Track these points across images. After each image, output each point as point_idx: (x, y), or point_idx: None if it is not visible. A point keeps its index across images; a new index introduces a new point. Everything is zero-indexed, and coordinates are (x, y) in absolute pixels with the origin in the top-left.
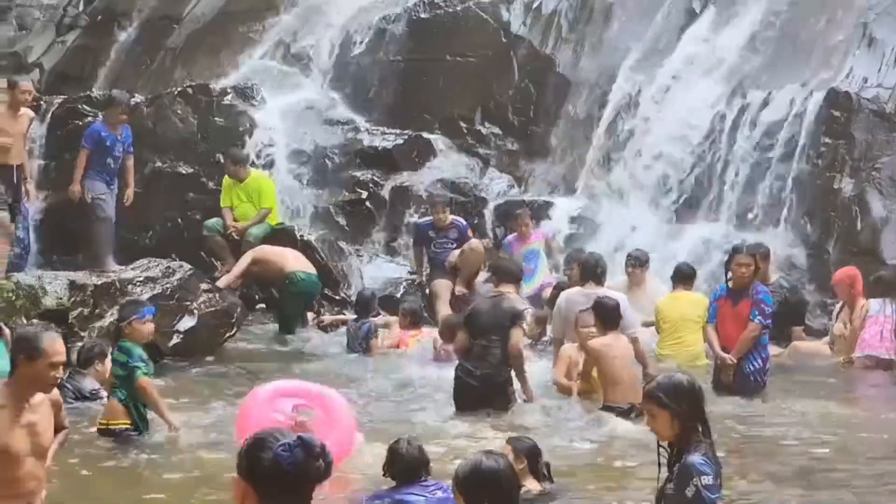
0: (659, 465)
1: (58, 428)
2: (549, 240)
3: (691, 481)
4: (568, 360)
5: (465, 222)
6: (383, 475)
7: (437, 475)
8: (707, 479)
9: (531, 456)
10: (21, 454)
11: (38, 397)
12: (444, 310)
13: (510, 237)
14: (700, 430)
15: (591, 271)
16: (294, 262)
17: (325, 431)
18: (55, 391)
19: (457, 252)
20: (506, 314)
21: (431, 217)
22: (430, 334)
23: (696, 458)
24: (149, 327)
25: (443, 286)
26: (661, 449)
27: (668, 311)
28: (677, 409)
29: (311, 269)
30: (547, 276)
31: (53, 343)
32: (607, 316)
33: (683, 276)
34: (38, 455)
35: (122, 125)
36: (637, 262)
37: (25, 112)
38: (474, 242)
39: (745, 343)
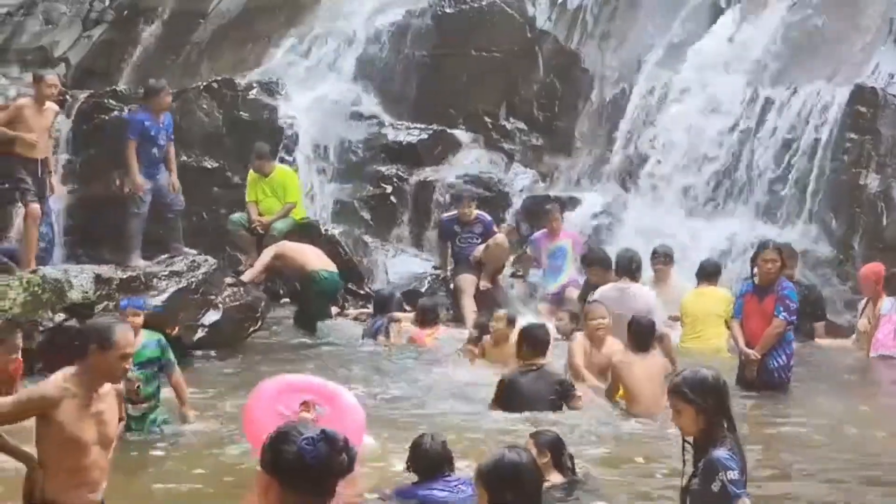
0: (683, 460)
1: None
2: (575, 241)
3: (717, 476)
4: (583, 350)
5: (489, 217)
6: (406, 470)
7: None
8: (733, 474)
9: (554, 449)
10: (89, 443)
11: (106, 387)
12: (468, 305)
13: (538, 233)
14: (725, 425)
15: (626, 267)
16: (316, 260)
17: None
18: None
19: (482, 247)
20: (550, 387)
21: (456, 212)
22: (446, 332)
23: (721, 452)
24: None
25: (467, 281)
26: (685, 444)
27: (692, 307)
28: (702, 404)
29: (333, 267)
30: (573, 275)
31: (126, 335)
32: (640, 336)
33: (708, 273)
34: (104, 445)
35: (163, 113)
36: (663, 258)
37: (50, 106)
38: (499, 237)
39: (770, 339)
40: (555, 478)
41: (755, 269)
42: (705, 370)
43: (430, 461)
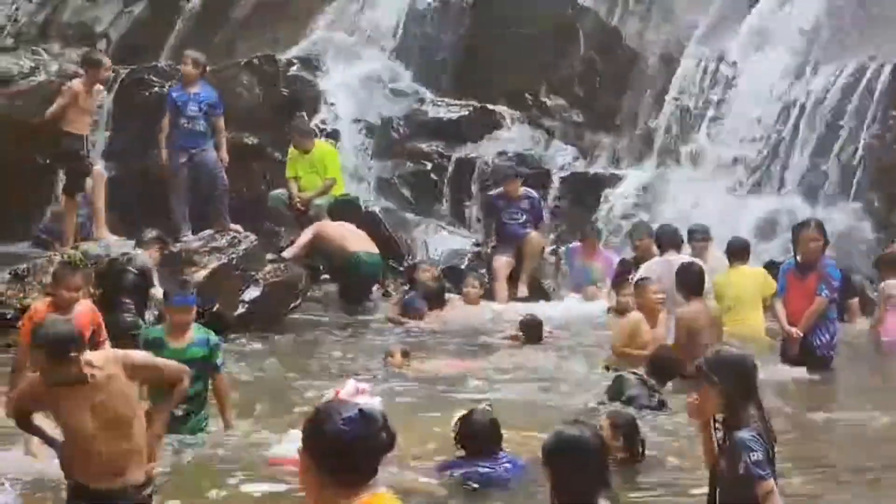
0: (714, 441)
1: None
2: (608, 264)
3: (742, 457)
4: (629, 329)
5: (536, 194)
6: (454, 445)
7: None
8: (756, 455)
9: (629, 429)
10: (90, 433)
11: (103, 375)
12: (501, 291)
13: (576, 245)
14: (751, 406)
15: (670, 239)
16: (356, 242)
17: None
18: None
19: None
20: None
21: (503, 189)
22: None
23: (744, 434)
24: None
25: (501, 263)
26: (716, 423)
27: (728, 289)
28: (725, 384)
29: (374, 249)
30: (595, 293)
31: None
32: (692, 282)
33: (737, 251)
34: (111, 431)
35: (198, 83)
36: (700, 236)
37: (98, 86)
38: (534, 235)
39: (812, 317)
40: (625, 458)
41: (798, 248)
42: (732, 350)
43: (477, 436)
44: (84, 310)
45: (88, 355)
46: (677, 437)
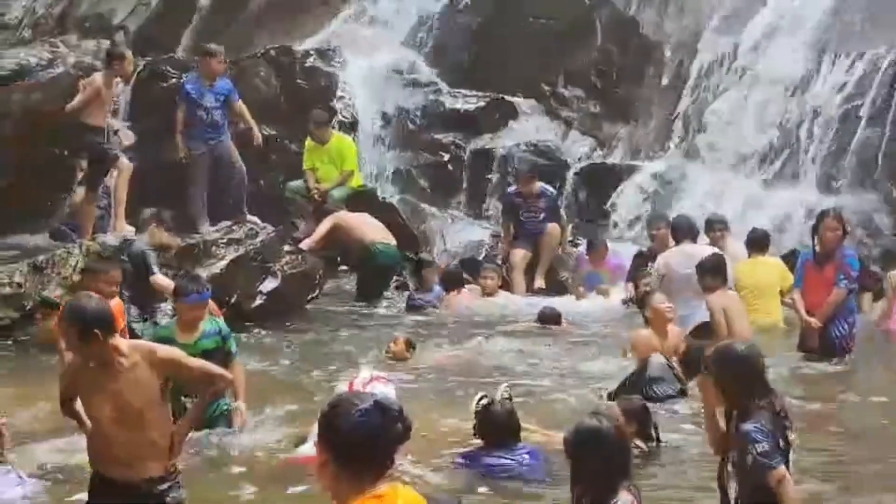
0: (717, 430)
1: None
2: (615, 271)
3: (748, 449)
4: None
5: (552, 190)
6: (473, 436)
7: None
8: (761, 447)
9: (640, 417)
10: (104, 421)
11: (126, 363)
12: (519, 281)
13: (583, 253)
14: (756, 399)
15: (686, 230)
16: (372, 232)
17: None
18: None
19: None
20: None
21: (519, 187)
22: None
23: (749, 426)
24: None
25: (518, 255)
26: (720, 416)
27: (747, 278)
28: (725, 378)
29: (390, 239)
30: (606, 291)
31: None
32: (722, 271)
33: (757, 242)
34: (125, 423)
35: (216, 76)
36: (718, 226)
37: (117, 80)
38: (553, 228)
39: (831, 307)
40: (640, 444)
41: (816, 238)
42: (732, 345)
43: (496, 427)
44: (115, 303)
45: (117, 341)
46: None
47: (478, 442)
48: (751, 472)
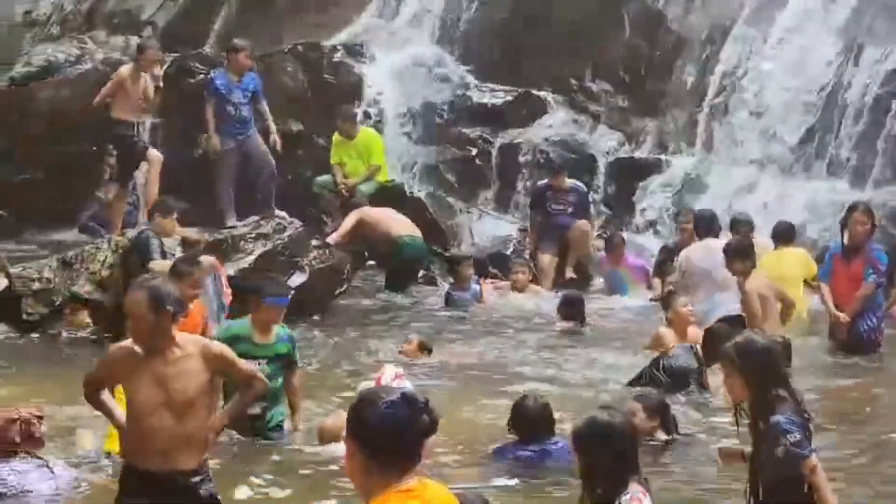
0: (737, 424)
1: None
2: (634, 269)
3: (780, 440)
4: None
5: (584, 188)
6: (508, 431)
7: None
8: (794, 437)
9: (661, 411)
10: (152, 407)
11: (179, 353)
12: (548, 283)
13: (601, 255)
14: (780, 389)
15: (708, 226)
16: (399, 226)
17: None
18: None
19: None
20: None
21: (550, 181)
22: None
23: (779, 417)
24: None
25: (546, 261)
26: (741, 409)
27: (770, 269)
28: (749, 369)
29: (416, 233)
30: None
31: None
32: (745, 250)
33: (782, 235)
34: (174, 410)
35: (244, 72)
36: (744, 227)
37: (146, 74)
38: (583, 224)
39: (860, 301)
40: (661, 437)
41: (845, 231)
42: (754, 336)
43: (529, 422)
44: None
45: (176, 333)
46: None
47: (513, 437)
48: (783, 463)
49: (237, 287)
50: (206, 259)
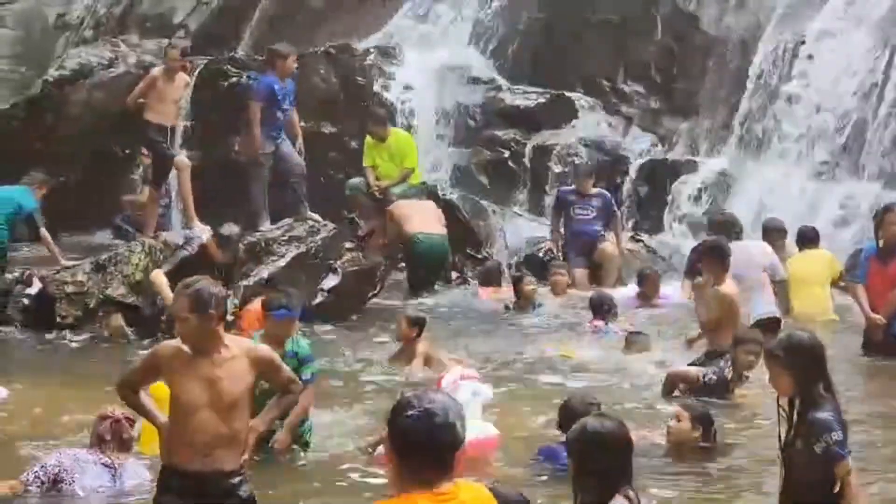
0: (779, 422)
1: (281, 389)
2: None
3: (822, 437)
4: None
5: (609, 194)
6: (557, 430)
7: None
8: (836, 436)
9: (705, 422)
10: (196, 406)
11: (227, 353)
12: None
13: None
14: (822, 386)
15: (729, 230)
16: (420, 223)
17: None
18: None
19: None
20: None
21: (574, 185)
22: (508, 292)
23: (823, 414)
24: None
25: (581, 276)
26: (781, 406)
27: (797, 270)
28: (795, 365)
29: (436, 230)
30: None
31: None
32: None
33: (807, 238)
34: (218, 409)
35: (288, 77)
36: (776, 234)
37: (181, 76)
38: (608, 247)
39: (895, 303)
40: (704, 445)
41: (880, 232)
42: (800, 332)
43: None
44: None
45: (223, 334)
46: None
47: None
48: (817, 459)
49: None
50: None
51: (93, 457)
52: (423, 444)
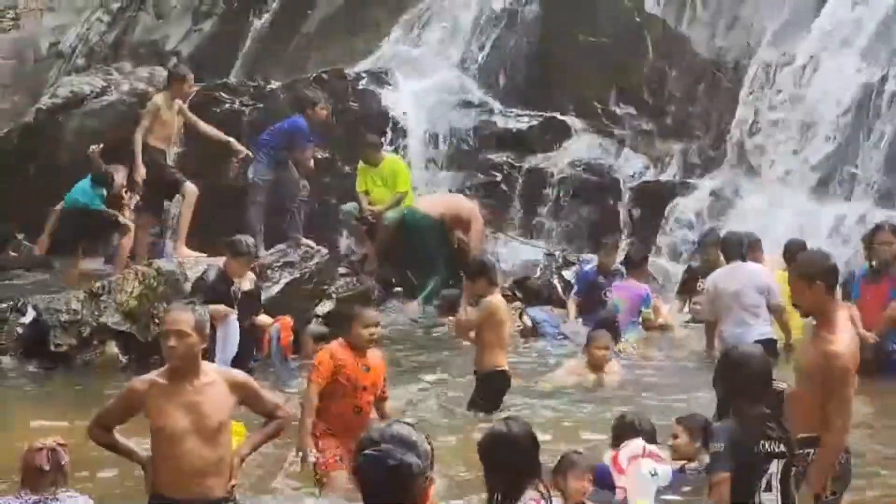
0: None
1: (265, 416)
2: (633, 298)
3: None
4: None
5: (622, 269)
6: (611, 446)
7: None
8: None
9: (705, 434)
10: (180, 433)
11: (204, 380)
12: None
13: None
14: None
15: (736, 249)
16: (419, 203)
17: None
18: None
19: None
20: None
21: (598, 260)
22: None
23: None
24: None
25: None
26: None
27: (784, 285)
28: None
29: (428, 209)
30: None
31: (173, 318)
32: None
33: (794, 251)
34: (202, 436)
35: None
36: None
37: (177, 102)
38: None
39: (887, 322)
40: (705, 459)
41: (870, 252)
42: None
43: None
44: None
45: (203, 363)
46: None
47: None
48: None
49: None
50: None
51: (70, 497)
52: (371, 485)
